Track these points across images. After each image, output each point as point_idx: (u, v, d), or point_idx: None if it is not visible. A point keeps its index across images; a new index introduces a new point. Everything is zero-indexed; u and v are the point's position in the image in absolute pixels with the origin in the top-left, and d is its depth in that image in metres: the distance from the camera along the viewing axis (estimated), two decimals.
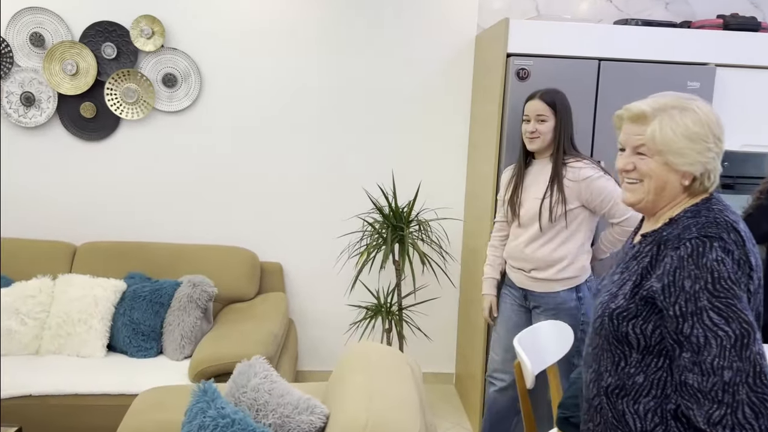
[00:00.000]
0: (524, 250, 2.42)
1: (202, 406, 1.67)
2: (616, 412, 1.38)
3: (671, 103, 1.34)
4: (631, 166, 1.37)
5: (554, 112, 2.35)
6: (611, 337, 1.37)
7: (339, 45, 3.30)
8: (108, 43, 3.21)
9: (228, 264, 3.21)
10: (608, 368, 1.39)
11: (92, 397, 2.53)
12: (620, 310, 1.35)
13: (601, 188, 2.31)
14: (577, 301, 2.40)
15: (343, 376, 1.82)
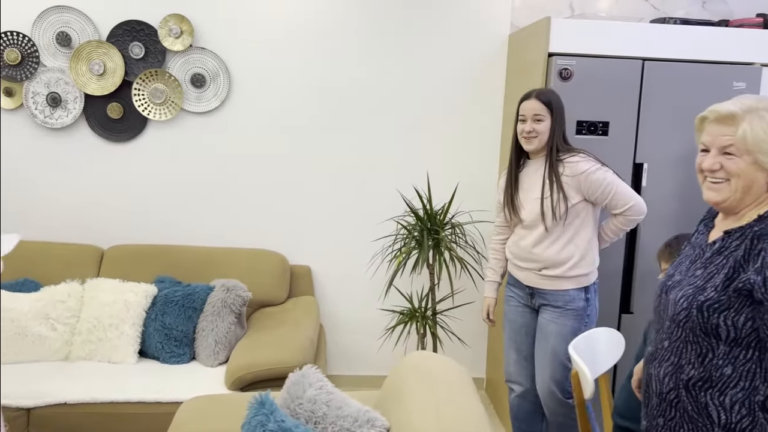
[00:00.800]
0: (532, 251, 2.38)
1: (261, 419, 1.61)
2: (698, 404, 1.39)
3: (758, 104, 1.37)
4: (718, 166, 1.40)
5: (550, 112, 2.33)
6: (698, 330, 1.39)
7: (370, 45, 3.24)
8: (136, 43, 3.15)
9: (258, 267, 3.16)
10: (691, 360, 1.40)
11: (128, 405, 2.47)
12: (711, 302, 1.36)
13: (599, 180, 2.28)
14: (584, 302, 2.37)
15: (401, 387, 1.76)
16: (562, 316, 2.37)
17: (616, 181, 2.30)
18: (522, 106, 2.37)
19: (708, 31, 2.72)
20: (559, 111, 2.34)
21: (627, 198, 2.30)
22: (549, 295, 2.39)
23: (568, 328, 2.37)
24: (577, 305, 2.36)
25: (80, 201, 3.27)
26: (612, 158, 2.73)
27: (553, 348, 2.39)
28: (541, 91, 2.35)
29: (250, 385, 2.57)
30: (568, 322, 2.37)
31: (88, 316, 2.81)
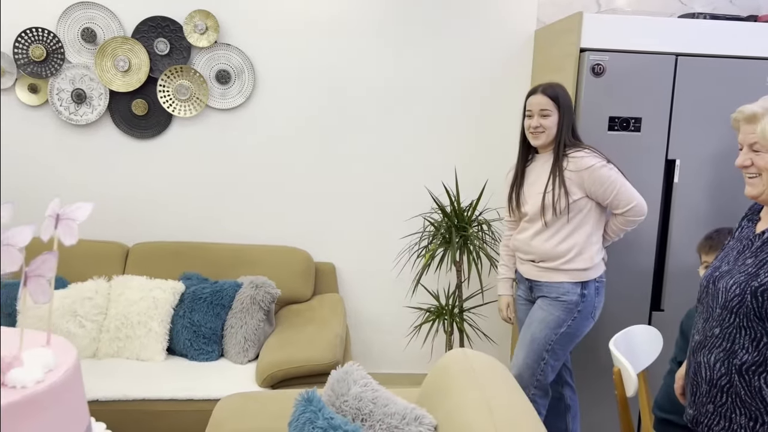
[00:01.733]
0: (530, 243, 2.39)
1: (310, 416, 1.59)
2: (752, 388, 1.43)
3: None
4: (749, 162, 1.48)
5: (557, 107, 2.32)
6: (752, 315, 1.43)
7: (396, 42, 3.23)
8: (161, 39, 3.14)
9: (283, 264, 3.14)
10: (745, 345, 1.44)
11: (160, 403, 2.46)
12: (765, 288, 1.41)
13: (603, 177, 2.27)
14: (579, 297, 2.34)
15: (446, 385, 1.74)
16: (551, 305, 2.37)
17: (620, 179, 2.28)
18: (529, 101, 2.36)
19: (740, 26, 2.70)
20: (566, 106, 2.33)
21: (629, 198, 2.29)
22: (545, 286, 2.40)
23: (553, 317, 2.36)
24: (570, 299, 2.35)
25: (105, 198, 3.26)
26: (644, 155, 2.71)
27: (533, 334, 2.39)
28: (548, 86, 2.34)
29: (281, 383, 2.56)
30: (555, 312, 2.36)
31: (115, 313, 2.80)
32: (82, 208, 0.96)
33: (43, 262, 0.83)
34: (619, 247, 2.76)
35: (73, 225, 0.94)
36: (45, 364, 0.74)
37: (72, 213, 0.96)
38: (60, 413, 0.66)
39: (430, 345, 3.46)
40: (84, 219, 0.96)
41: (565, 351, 2.41)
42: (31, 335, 0.96)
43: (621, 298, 2.80)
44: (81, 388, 0.76)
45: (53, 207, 0.99)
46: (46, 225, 0.97)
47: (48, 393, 0.65)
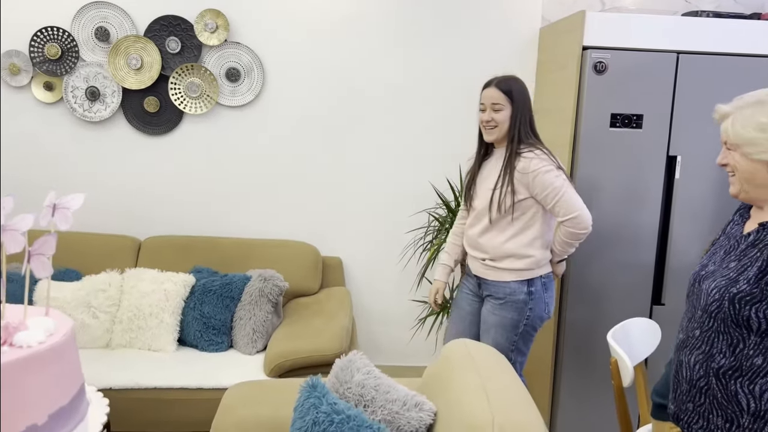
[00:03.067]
0: (478, 240, 2.38)
1: (314, 401, 1.66)
2: (728, 392, 1.44)
3: (751, 100, 1.46)
4: (725, 161, 1.50)
5: (510, 101, 2.25)
6: (729, 321, 1.43)
7: (403, 41, 3.28)
8: (172, 38, 3.21)
9: (291, 258, 3.21)
10: (722, 350, 1.45)
11: (171, 391, 2.54)
12: (743, 295, 1.41)
13: (547, 182, 2.22)
14: (526, 295, 2.33)
15: (446, 374, 1.80)
16: (502, 309, 2.35)
17: (564, 186, 2.22)
18: (482, 95, 2.30)
19: (742, 24, 2.73)
20: (520, 100, 2.26)
21: (572, 207, 2.22)
22: (492, 285, 2.37)
23: (507, 320, 2.35)
24: (518, 298, 2.33)
25: (118, 193, 3.34)
26: (646, 151, 2.75)
27: (495, 339, 2.38)
28: (502, 79, 2.27)
29: (288, 373, 2.63)
30: (508, 314, 2.34)
31: (128, 305, 2.88)
32: (75, 198, 1.07)
33: (44, 243, 0.94)
34: (621, 242, 2.81)
35: (67, 213, 1.04)
36: (46, 328, 0.86)
37: (66, 203, 1.07)
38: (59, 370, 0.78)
39: (434, 337, 3.52)
40: (77, 207, 1.06)
41: (529, 345, 2.41)
42: (33, 309, 1.09)
43: (622, 293, 2.85)
44: (76, 352, 0.86)
45: (50, 198, 1.10)
46: (44, 213, 1.08)
47: (49, 351, 0.77)
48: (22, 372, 0.73)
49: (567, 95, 2.81)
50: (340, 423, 1.58)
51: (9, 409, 0.71)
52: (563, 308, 2.90)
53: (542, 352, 3.08)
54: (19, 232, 0.92)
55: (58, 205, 1.06)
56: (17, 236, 0.91)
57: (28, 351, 0.76)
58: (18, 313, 0.94)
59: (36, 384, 0.74)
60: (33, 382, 0.74)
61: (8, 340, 0.77)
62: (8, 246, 0.92)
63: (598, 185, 2.78)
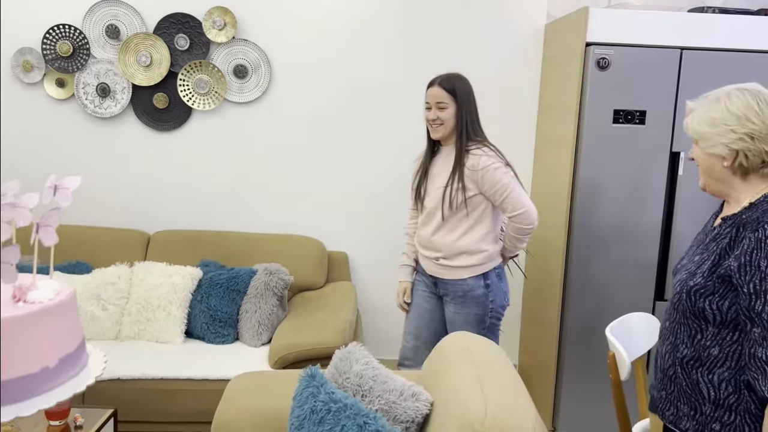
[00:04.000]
0: (431, 239, 2.40)
1: (312, 390, 1.69)
2: (691, 381, 1.49)
3: (712, 96, 1.52)
4: (692, 155, 1.56)
5: (454, 99, 2.29)
6: (688, 312, 1.49)
7: (408, 37, 3.31)
8: (181, 35, 3.26)
9: (297, 253, 3.25)
10: (684, 341, 1.51)
11: (177, 382, 2.59)
12: (698, 288, 1.46)
13: (496, 179, 2.26)
14: (484, 289, 2.37)
15: (443, 365, 1.83)
16: (465, 306, 2.39)
17: (512, 183, 2.28)
18: (427, 93, 2.33)
19: (747, 20, 2.73)
20: (464, 98, 2.29)
21: (519, 203, 2.28)
22: (449, 285, 2.40)
23: (472, 316, 2.38)
24: (477, 293, 2.37)
25: (127, 187, 3.40)
26: (649, 147, 2.76)
27: None
28: (445, 78, 2.30)
29: (292, 365, 2.67)
30: (472, 310, 2.38)
31: (137, 297, 2.93)
32: (73, 179, 1.20)
33: (50, 216, 1.07)
34: (624, 238, 2.82)
35: (67, 192, 1.17)
36: (53, 288, 1.00)
37: (66, 183, 1.19)
38: (65, 322, 0.92)
39: None
40: (75, 187, 1.19)
41: (497, 336, 2.45)
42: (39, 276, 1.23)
43: (625, 288, 2.86)
44: (76, 310, 1.00)
45: (51, 179, 1.23)
46: (46, 193, 1.21)
47: (57, 306, 0.91)
48: (35, 323, 0.87)
49: (570, 91, 2.82)
50: (337, 411, 1.62)
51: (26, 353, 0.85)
52: (566, 304, 2.91)
53: (545, 347, 3.09)
54: (26, 209, 1.04)
55: (59, 186, 1.18)
56: (25, 212, 1.04)
57: (39, 306, 0.89)
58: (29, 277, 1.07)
59: (46, 333, 0.88)
60: (44, 332, 0.87)
61: (22, 297, 0.89)
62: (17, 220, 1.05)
63: (601, 181, 2.79)
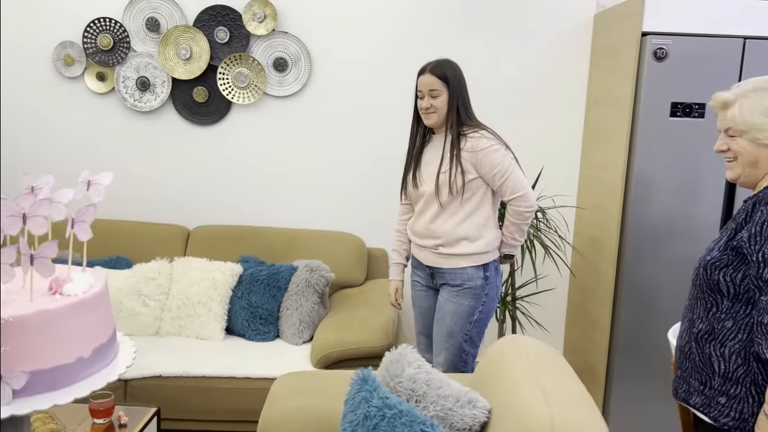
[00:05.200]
0: (430, 227, 2.33)
1: (365, 395, 1.63)
2: (703, 355, 1.54)
3: (753, 87, 1.49)
4: (726, 147, 1.54)
5: (446, 85, 2.24)
6: (704, 286, 1.53)
7: (452, 30, 3.21)
8: (221, 27, 3.21)
9: (337, 249, 3.19)
10: (700, 315, 1.55)
11: (219, 380, 2.55)
12: (713, 260, 1.51)
13: (496, 161, 2.21)
14: (483, 280, 2.31)
15: (499, 370, 1.75)
16: (459, 295, 2.32)
17: (513, 165, 2.23)
18: (418, 81, 2.29)
19: None
20: (456, 84, 2.25)
21: (519, 186, 2.22)
22: (447, 274, 2.34)
23: (464, 307, 2.32)
24: (475, 284, 2.31)
25: (166, 182, 3.38)
26: (707, 142, 2.63)
27: (449, 328, 2.34)
28: (437, 65, 2.26)
29: (335, 364, 2.61)
30: (465, 301, 2.31)
31: (177, 293, 2.90)
32: (105, 175, 1.20)
33: (85, 211, 1.09)
34: (678, 237, 2.70)
35: (100, 188, 1.17)
36: (87, 281, 1.00)
37: (99, 179, 1.20)
38: (98, 314, 0.93)
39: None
40: (108, 183, 1.20)
41: (481, 336, 2.39)
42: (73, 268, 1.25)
43: (678, 290, 2.74)
44: (109, 302, 1.01)
45: (84, 175, 1.23)
46: (79, 188, 1.21)
47: (91, 299, 0.93)
48: (71, 315, 0.89)
49: (624, 83, 2.71)
50: (392, 418, 1.55)
51: (62, 344, 0.87)
52: (617, 305, 2.80)
53: (594, 349, 2.99)
54: (62, 204, 1.05)
55: (92, 181, 1.18)
56: (60, 207, 1.05)
57: (75, 298, 0.90)
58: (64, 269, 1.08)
59: (81, 324, 0.90)
60: (79, 323, 0.89)
61: (58, 289, 0.90)
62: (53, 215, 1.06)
63: (656, 177, 2.67)
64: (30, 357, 0.84)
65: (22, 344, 0.83)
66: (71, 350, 0.88)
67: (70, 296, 0.91)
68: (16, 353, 0.83)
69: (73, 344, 0.88)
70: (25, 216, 0.94)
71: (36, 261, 0.91)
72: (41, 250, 0.93)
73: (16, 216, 0.92)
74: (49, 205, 1.00)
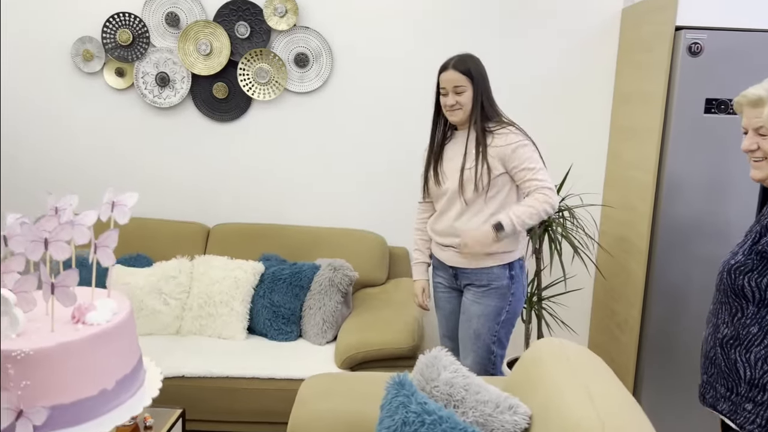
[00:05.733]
0: (454, 225, 2.26)
1: (402, 400, 1.58)
2: (729, 361, 1.51)
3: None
4: (755, 146, 1.49)
5: (471, 81, 2.19)
6: (729, 291, 1.50)
7: (476, 24, 3.15)
8: (241, 22, 3.17)
9: (358, 248, 3.15)
10: (725, 320, 1.52)
11: (243, 380, 2.51)
12: (738, 265, 1.48)
13: (525, 156, 2.17)
14: (509, 280, 2.26)
15: (538, 374, 1.70)
16: (485, 296, 2.26)
17: (540, 163, 2.19)
18: (441, 78, 2.22)
19: None
20: (480, 79, 2.20)
21: (544, 182, 2.16)
22: (472, 274, 2.27)
23: (491, 308, 2.26)
24: (501, 283, 2.25)
25: (186, 179, 3.34)
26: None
27: (476, 330, 2.28)
28: (459, 60, 2.20)
29: (360, 365, 2.57)
30: (492, 302, 2.26)
31: (198, 292, 2.86)
32: (130, 196, 1.16)
33: (108, 237, 1.06)
34: (710, 236, 2.63)
35: (125, 209, 1.14)
36: (111, 309, 0.97)
37: (123, 200, 1.17)
38: (122, 343, 0.90)
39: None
40: (133, 204, 1.16)
41: (509, 337, 2.33)
42: (97, 291, 1.21)
43: (709, 290, 2.67)
44: (134, 328, 0.98)
45: (108, 195, 1.21)
46: (104, 209, 1.19)
47: (115, 328, 0.90)
48: (94, 346, 0.86)
49: (655, 79, 2.64)
50: (432, 424, 1.50)
51: (84, 377, 0.84)
52: (647, 307, 2.74)
53: (623, 352, 2.93)
54: (85, 227, 1.02)
55: (117, 203, 1.15)
56: (84, 230, 1.02)
57: (98, 328, 0.88)
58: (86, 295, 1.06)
59: (105, 355, 0.87)
60: (102, 354, 0.87)
61: (80, 318, 0.87)
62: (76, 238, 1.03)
63: (689, 175, 2.60)
64: (51, 391, 0.80)
65: (42, 378, 0.80)
66: (94, 383, 0.85)
67: (93, 325, 0.89)
68: (36, 387, 0.79)
69: (96, 376, 0.85)
70: (47, 241, 0.93)
71: (57, 290, 0.89)
72: (62, 278, 0.90)
73: (38, 241, 0.92)
74: (72, 228, 0.99)
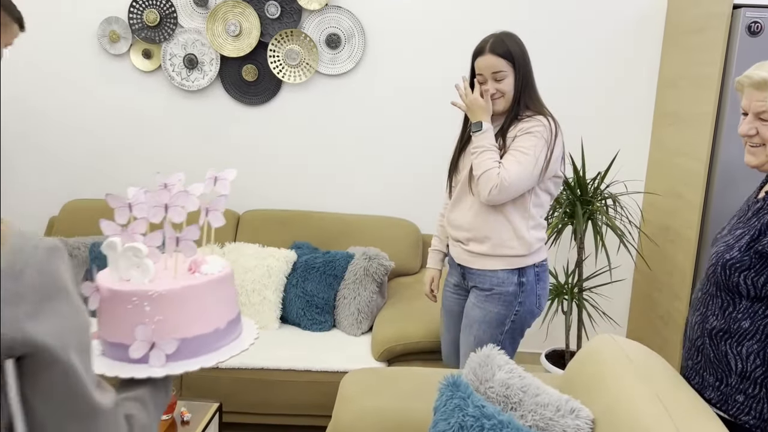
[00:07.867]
0: (461, 217, 2.07)
1: (458, 402, 1.50)
2: (718, 352, 1.47)
3: None
4: (754, 131, 1.42)
5: (512, 65, 1.93)
6: (722, 285, 1.45)
7: (516, 6, 3.02)
8: (272, 2, 3.06)
9: (391, 236, 3.06)
10: (715, 312, 1.48)
11: (278, 372, 2.45)
12: (733, 261, 1.42)
13: (522, 142, 1.91)
14: (516, 286, 2.01)
15: (599, 375, 1.61)
16: (487, 301, 2.04)
17: (530, 154, 1.90)
18: (477, 64, 1.97)
19: None
20: (521, 61, 1.94)
21: (509, 171, 1.88)
22: (477, 276, 2.06)
23: (493, 315, 2.04)
24: (506, 290, 2.01)
25: (215, 164, 3.26)
26: None
27: (477, 337, 2.06)
28: (497, 41, 1.93)
29: (397, 357, 2.50)
30: (494, 308, 2.03)
31: None
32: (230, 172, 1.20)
33: (218, 201, 1.10)
34: None
35: (226, 182, 1.18)
36: (220, 263, 1.07)
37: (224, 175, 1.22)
38: (230, 292, 1.04)
39: (546, 324, 3.30)
40: (233, 178, 1.20)
41: (515, 346, 2.12)
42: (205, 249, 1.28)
43: None
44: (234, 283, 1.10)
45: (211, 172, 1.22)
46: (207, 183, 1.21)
47: (225, 277, 1.03)
48: (211, 290, 0.99)
49: (709, 61, 2.51)
50: (491, 429, 1.42)
51: (203, 316, 0.98)
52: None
53: (666, 347, 2.83)
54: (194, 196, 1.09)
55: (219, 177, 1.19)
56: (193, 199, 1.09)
57: (212, 276, 1.00)
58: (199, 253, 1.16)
59: (218, 300, 1.00)
60: (216, 298, 0.99)
61: (196, 269, 1.01)
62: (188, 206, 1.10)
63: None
64: (177, 327, 0.95)
65: (171, 315, 0.95)
66: (210, 322, 0.99)
67: (207, 275, 1.01)
68: (167, 322, 0.94)
69: (211, 316, 0.99)
70: (167, 206, 1.05)
71: (181, 243, 1.02)
72: (186, 233, 1.03)
73: (159, 207, 1.05)
74: (186, 196, 1.08)
